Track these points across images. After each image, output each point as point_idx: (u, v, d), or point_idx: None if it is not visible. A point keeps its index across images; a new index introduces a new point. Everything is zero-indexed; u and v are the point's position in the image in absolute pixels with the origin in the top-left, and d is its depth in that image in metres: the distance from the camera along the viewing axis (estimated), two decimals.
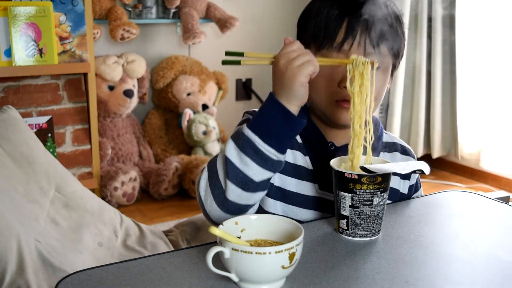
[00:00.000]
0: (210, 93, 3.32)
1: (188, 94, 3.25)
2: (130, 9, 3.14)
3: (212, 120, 3.19)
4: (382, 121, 3.49)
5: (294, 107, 0.95)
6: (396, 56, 1.11)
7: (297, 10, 1.14)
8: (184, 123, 3.17)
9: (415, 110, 3.45)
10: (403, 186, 1.19)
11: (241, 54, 1.00)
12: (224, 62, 1.02)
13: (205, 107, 3.25)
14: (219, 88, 3.40)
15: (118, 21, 2.98)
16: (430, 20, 3.32)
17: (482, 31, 3.20)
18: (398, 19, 1.10)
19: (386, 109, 3.49)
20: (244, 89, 3.66)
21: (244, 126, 0.97)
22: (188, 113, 3.17)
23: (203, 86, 3.28)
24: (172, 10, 3.20)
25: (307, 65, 0.93)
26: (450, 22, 3.28)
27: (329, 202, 1.11)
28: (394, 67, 1.13)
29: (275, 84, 0.97)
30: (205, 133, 3.14)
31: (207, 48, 3.44)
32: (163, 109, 3.33)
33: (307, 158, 1.11)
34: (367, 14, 1.04)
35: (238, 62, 0.99)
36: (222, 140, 3.31)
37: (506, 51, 3.09)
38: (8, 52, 2.42)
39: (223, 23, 3.26)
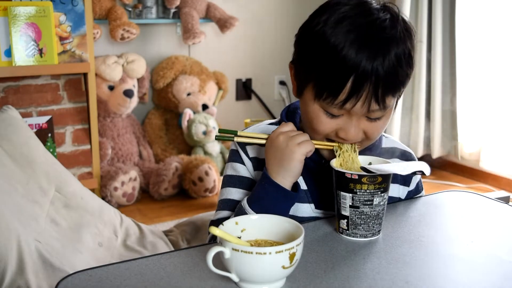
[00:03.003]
0: (210, 93, 3.32)
1: (188, 94, 3.25)
2: (130, 9, 3.14)
3: (212, 120, 3.19)
4: None
5: (288, 183, 1.01)
6: (400, 92, 1.02)
7: (297, 10, 1.11)
8: (184, 123, 3.17)
9: (415, 110, 3.45)
10: (402, 193, 1.18)
11: (235, 133, 1.04)
12: (218, 138, 1.05)
13: (205, 107, 3.25)
14: (219, 88, 3.40)
15: (118, 21, 2.98)
16: (430, 20, 3.32)
17: (482, 31, 3.20)
18: (410, 58, 0.98)
19: None
20: (244, 89, 3.66)
21: (246, 205, 1.02)
22: (188, 113, 3.17)
23: (203, 86, 3.28)
24: (172, 10, 3.20)
25: (306, 143, 0.99)
26: (450, 22, 3.27)
27: None
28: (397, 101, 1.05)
29: (271, 161, 1.01)
30: (205, 133, 3.14)
31: (207, 48, 3.44)
32: (163, 109, 3.33)
33: (301, 177, 1.07)
34: (376, 72, 0.94)
35: (231, 139, 1.04)
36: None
37: (506, 51, 3.09)
38: (8, 52, 2.42)
39: (223, 23, 3.25)
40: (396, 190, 1.17)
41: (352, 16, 0.96)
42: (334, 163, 1.01)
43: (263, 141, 1.03)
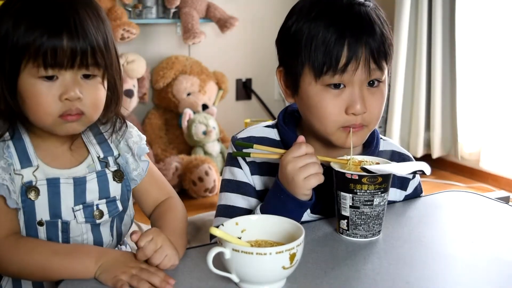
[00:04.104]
0: (210, 93, 3.32)
1: (188, 94, 3.25)
2: (130, 9, 3.14)
3: (212, 120, 3.19)
4: (382, 121, 3.49)
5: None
6: (390, 59, 1.07)
7: None
8: (184, 123, 3.17)
9: (415, 110, 3.45)
10: (399, 197, 1.18)
11: (251, 146, 1.04)
12: (235, 154, 1.08)
13: (205, 107, 3.25)
14: (219, 88, 3.40)
15: (118, 21, 2.98)
16: (430, 20, 3.32)
17: (482, 31, 3.19)
18: (387, 24, 1.06)
19: (386, 109, 3.49)
20: (244, 89, 3.66)
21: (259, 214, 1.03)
22: (188, 113, 3.17)
23: (203, 86, 3.28)
24: (172, 10, 3.20)
25: (312, 178, 0.97)
26: (450, 22, 3.27)
27: None
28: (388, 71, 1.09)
29: (283, 182, 1.00)
30: (205, 133, 3.14)
31: (207, 48, 3.43)
32: (163, 109, 3.33)
33: None
34: (366, 32, 1.00)
35: (248, 155, 1.04)
36: (222, 140, 3.31)
37: (506, 51, 3.09)
38: None
39: (223, 23, 3.25)
40: (393, 194, 1.16)
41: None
42: (333, 164, 1.01)
43: (278, 156, 1.02)
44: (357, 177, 0.95)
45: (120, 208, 1.04)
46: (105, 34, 0.96)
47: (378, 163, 1.01)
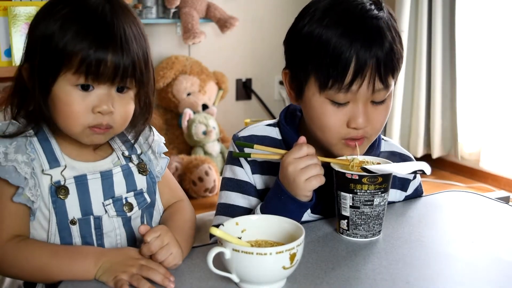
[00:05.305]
0: (210, 93, 3.32)
1: (188, 94, 3.25)
2: None
3: (212, 120, 3.19)
4: None
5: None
6: (398, 73, 1.05)
7: (297, 10, 1.11)
8: (184, 123, 3.17)
9: (415, 110, 3.45)
10: (399, 198, 1.18)
11: (251, 146, 1.04)
12: (236, 154, 1.08)
13: (205, 107, 3.25)
14: (219, 88, 3.40)
15: None
16: (430, 20, 3.32)
17: (482, 31, 3.19)
18: (399, 36, 1.04)
19: None
20: (244, 89, 3.66)
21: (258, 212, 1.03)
22: (188, 113, 3.17)
23: (203, 86, 3.28)
24: (172, 10, 3.20)
25: (313, 180, 0.96)
26: (450, 22, 3.27)
27: None
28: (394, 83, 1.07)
29: (283, 180, 0.99)
30: (205, 133, 3.14)
31: (207, 48, 3.43)
32: (163, 109, 3.33)
33: None
34: (376, 49, 0.98)
35: (248, 155, 1.05)
36: (222, 140, 3.31)
37: (506, 51, 3.09)
38: (8, 52, 2.42)
39: (223, 23, 3.25)
40: (393, 195, 1.16)
41: (336, 6, 1.01)
42: (333, 164, 1.01)
43: (279, 156, 1.02)
44: (357, 177, 0.95)
45: (148, 200, 1.04)
46: (146, 51, 0.97)
47: (378, 163, 1.01)
